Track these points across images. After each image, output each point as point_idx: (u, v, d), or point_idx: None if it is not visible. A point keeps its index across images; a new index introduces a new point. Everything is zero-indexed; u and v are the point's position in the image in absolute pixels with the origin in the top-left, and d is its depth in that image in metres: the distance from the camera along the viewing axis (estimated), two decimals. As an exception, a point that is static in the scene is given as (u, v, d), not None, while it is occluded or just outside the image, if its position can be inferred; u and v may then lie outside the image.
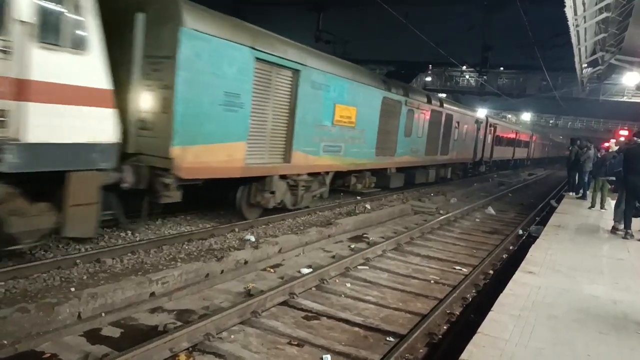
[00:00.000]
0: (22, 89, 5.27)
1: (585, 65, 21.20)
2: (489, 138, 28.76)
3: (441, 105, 19.97)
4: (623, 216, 10.67)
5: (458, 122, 22.09)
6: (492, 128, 29.37)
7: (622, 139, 25.91)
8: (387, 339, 5.49)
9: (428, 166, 19.51)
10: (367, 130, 13.62)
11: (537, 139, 51.67)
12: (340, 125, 12.11)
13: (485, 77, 32.77)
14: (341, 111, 12.10)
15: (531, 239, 10.35)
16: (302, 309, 6.11)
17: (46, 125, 5.56)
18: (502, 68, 40.12)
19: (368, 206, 13.64)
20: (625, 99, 34.20)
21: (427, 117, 18.34)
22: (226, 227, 9.36)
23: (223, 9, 8.99)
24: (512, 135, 36.83)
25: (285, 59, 9.79)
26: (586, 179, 16.94)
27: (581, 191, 17.41)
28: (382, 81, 14.74)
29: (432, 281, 7.90)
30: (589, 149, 16.74)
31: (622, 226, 10.73)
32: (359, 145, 13.28)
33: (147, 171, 7.48)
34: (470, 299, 7.11)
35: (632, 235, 10.29)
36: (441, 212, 14.42)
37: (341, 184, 14.16)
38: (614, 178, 13.54)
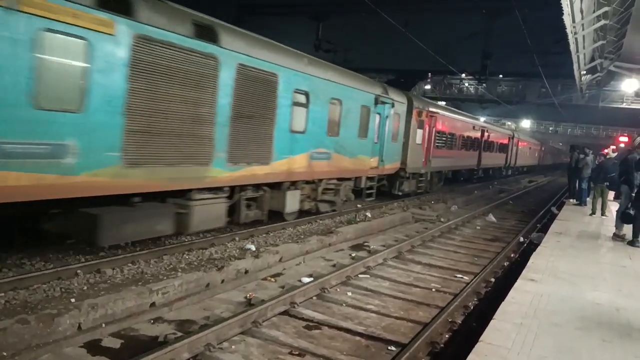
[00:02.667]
0: None
1: (584, 72, 21.32)
2: (420, 135, 17.69)
3: (212, 38, 7.93)
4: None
5: (308, 95, 10.55)
6: (429, 119, 18.43)
7: (623, 145, 25.95)
8: (389, 348, 5.46)
9: (191, 193, 8.08)
10: None
11: (522, 142, 40.69)
12: None
13: (484, 84, 32.83)
14: None
15: (532, 247, 10.32)
16: (303, 319, 6.08)
17: None
18: (501, 75, 40.28)
19: (369, 214, 13.61)
20: (624, 105, 34.34)
21: (149, 67, 6.91)
22: (226, 236, 9.33)
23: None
24: (474, 134, 25.78)
25: None
26: (585, 185, 16.93)
27: (575, 199, 17.46)
28: None
29: (433, 289, 7.87)
30: (587, 155, 16.74)
31: (622, 232, 10.72)
32: None
33: None
34: (472, 307, 7.09)
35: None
36: (442, 219, 14.40)
37: None
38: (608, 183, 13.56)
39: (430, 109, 18.70)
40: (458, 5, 26.95)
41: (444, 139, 20.90)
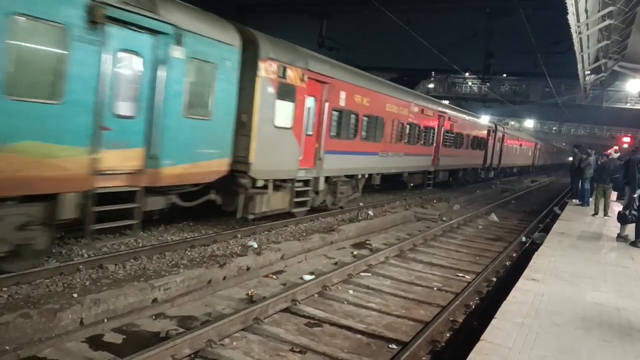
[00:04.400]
0: None
1: (588, 72, 21.23)
2: (289, 111, 10.01)
3: None
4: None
5: None
6: (317, 86, 11.03)
7: (625, 145, 25.88)
8: (390, 346, 5.46)
9: None
10: None
11: (510, 137, 34.26)
12: None
13: (488, 84, 32.73)
14: None
15: (534, 246, 10.31)
16: (304, 316, 6.09)
17: None
18: (504, 75, 40.22)
19: (371, 213, 13.61)
20: (628, 105, 34.26)
21: None
22: (229, 233, 9.35)
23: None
24: (425, 121, 18.35)
25: None
26: (587, 186, 16.89)
27: (577, 200, 17.43)
28: None
29: (435, 288, 7.87)
30: (590, 155, 16.69)
31: (625, 233, 10.71)
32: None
33: None
34: (473, 307, 7.08)
35: None
36: (444, 218, 14.40)
37: None
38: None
39: (313, 69, 10.60)
40: (460, 4, 26.91)
41: (356, 123, 13.01)
